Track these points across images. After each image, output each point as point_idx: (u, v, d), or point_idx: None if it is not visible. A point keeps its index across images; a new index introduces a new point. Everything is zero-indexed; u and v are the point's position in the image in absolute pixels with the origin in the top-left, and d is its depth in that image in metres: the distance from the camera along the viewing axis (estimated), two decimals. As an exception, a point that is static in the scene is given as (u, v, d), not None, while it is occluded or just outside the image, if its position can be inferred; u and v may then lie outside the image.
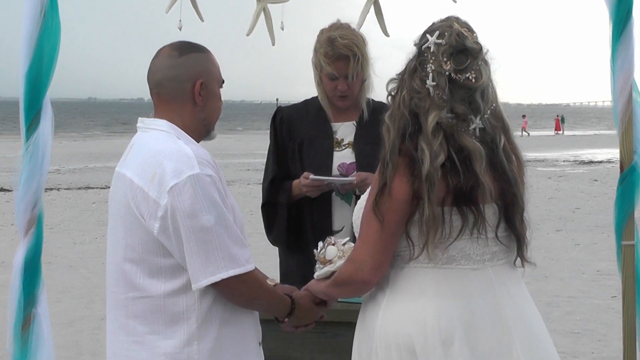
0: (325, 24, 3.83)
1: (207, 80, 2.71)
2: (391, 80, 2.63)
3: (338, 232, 3.70)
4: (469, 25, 2.60)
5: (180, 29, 3.54)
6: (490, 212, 2.57)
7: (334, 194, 3.74)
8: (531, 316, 2.66)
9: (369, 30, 3.76)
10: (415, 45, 2.60)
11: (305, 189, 3.69)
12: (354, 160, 3.76)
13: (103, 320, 2.83)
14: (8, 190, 18.20)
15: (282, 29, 3.70)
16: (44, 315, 2.75)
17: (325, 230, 3.63)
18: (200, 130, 2.74)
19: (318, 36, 3.77)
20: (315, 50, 3.77)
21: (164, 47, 2.76)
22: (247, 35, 3.77)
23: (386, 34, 3.59)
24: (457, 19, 2.60)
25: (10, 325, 2.74)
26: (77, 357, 6.70)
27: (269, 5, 3.65)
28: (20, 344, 2.72)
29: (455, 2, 3.45)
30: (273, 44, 3.74)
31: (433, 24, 2.60)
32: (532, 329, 2.63)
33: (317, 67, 3.76)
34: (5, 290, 2.90)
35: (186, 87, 2.69)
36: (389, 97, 2.62)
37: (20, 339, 2.72)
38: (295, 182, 3.74)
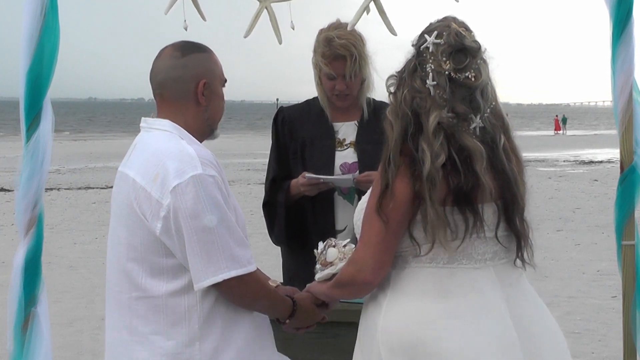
0: (325, 23, 3.83)
1: (210, 80, 2.72)
2: (390, 77, 2.63)
3: (341, 231, 3.70)
4: (467, 25, 2.60)
5: (186, 29, 3.54)
6: (490, 211, 2.56)
7: (336, 193, 3.74)
8: (537, 313, 2.65)
9: (370, 30, 3.76)
10: (413, 45, 2.60)
11: (303, 188, 3.69)
12: (356, 160, 3.76)
13: (103, 320, 2.83)
14: (8, 190, 18.21)
15: (293, 29, 3.69)
16: (43, 315, 2.75)
17: (328, 230, 3.64)
18: (204, 130, 2.75)
19: (317, 36, 3.78)
20: (314, 51, 3.78)
21: (167, 47, 2.76)
22: (245, 37, 3.76)
23: (393, 32, 3.57)
24: (454, 19, 2.60)
25: (11, 326, 2.74)
26: (77, 357, 6.70)
27: (273, 5, 3.64)
28: (20, 344, 2.72)
29: (458, 1, 3.44)
30: (280, 43, 3.74)
31: (430, 24, 2.61)
32: (538, 326, 2.63)
33: (316, 67, 3.78)
34: (5, 290, 2.90)
35: (189, 87, 2.69)
36: (390, 94, 2.62)
37: (20, 339, 2.72)
38: (294, 181, 3.74)
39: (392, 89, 2.61)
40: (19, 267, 2.73)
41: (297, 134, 3.84)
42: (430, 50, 2.53)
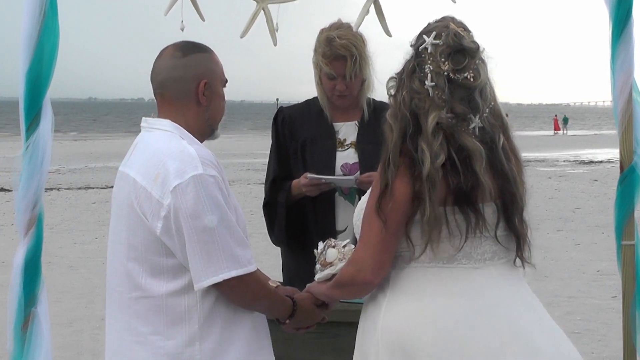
0: (326, 23, 3.83)
1: (211, 80, 2.72)
2: (390, 79, 2.64)
3: (342, 232, 3.70)
4: (465, 25, 2.61)
5: (182, 30, 3.54)
6: (490, 211, 2.57)
7: (337, 194, 3.74)
8: (536, 313, 2.66)
9: (370, 30, 3.76)
10: (411, 46, 2.60)
11: (305, 189, 3.70)
12: (356, 160, 3.76)
13: (103, 320, 2.84)
14: (8, 190, 18.21)
15: (277, 30, 3.70)
16: (43, 315, 2.75)
17: (329, 230, 3.64)
18: (204, 130, 2.75)
19: (318, 36, 3.78)
20: (315, 50, 3.78)
21: (167, 47, 2.76)
22: (241, 37, 3.76)
23: (388, 34, 3.58)
24: (452, 19, 2.61)
25: (11, 326, 2.74)
26: (77, 357, 6.70)
27: (269, 5, 3.65)
28: (20, 344, 2.73)
29: (455, 2, 3.45)
30: (275, 44, 3.74)
31: (429, 24, 2.61)
32: (537, 325, 2.63)
33: (317, 66, 3.78)
34: (5, 290, 2.90)
35: (190, 87, 2.69)
36: (389, 97, 2.63)
37: (20, 339, 2.73)
38: (295, 182, 3.74)
39: (392, 91, 2.61)
40: (19, 267, 2.73)
41: (297, 134, 3.83)
42: (428, 51, 2.53)
